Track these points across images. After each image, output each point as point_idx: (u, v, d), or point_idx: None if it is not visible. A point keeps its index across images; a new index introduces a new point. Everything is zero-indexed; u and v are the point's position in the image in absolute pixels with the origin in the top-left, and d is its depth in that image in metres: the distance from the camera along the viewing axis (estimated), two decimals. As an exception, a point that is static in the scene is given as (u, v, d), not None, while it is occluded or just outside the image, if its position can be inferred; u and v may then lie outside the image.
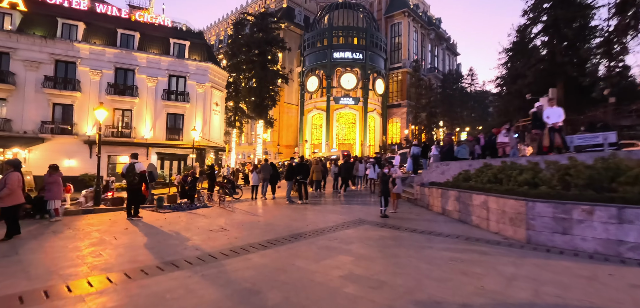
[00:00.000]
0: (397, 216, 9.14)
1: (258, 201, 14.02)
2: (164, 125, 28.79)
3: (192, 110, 29.61)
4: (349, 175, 14.37)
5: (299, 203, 11.91)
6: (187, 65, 29.46)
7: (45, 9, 26.45)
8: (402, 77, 57.93)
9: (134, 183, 8.65)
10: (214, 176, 13.79)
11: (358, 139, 51.69)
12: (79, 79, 26.30)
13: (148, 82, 28.20)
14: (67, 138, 25.80)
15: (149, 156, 28.05)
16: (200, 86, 29.94)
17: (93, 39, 27.20)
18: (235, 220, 8.70)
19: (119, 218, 8.87)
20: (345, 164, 14.27)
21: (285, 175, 12.50)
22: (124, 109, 27.76)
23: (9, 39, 24.69)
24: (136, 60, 27.88)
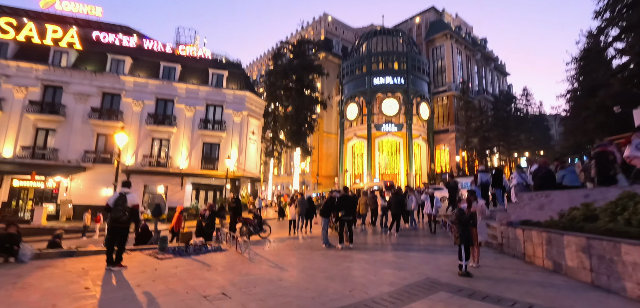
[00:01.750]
0: (484, 274, 6.28)
1: (296, 238, 11.71)
2: (199, 154, 28.15)
3: (228, 139, 28.78)
4: (401, 210, 11.58)
5: (339, 248, 9.37)
6: (224, 94, 29.01)
7: (98, 47, 27.71)
8: (448, 101, 54.05)
9: (121, 220, 6.81)
10: (238, 209, 11.80)
11: (402, 168, 48.12)
12: (123, 110, 26.72)
13: (186, 112, 27.99)
14: (107, 167, 25.90)
15: (184, 186, 27.34)
16: (236, 115, 29.20)
17: (138, 72, 27.83)
18: (248, 276, 6.41)
19: (101, 265, 6.99)
20: (395, 197, 11.54)
21: (322, 209, 10.08)
22: (162, 138, 27.61)
23: (64, 74, 25.90)
24: (176, 91, 27.95)
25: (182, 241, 11.05)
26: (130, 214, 6.94)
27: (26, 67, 25.11)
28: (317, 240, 11.24)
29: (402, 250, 9.17)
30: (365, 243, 10.53)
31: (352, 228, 9.89)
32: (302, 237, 13.15)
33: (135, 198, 7.11)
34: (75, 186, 25.41)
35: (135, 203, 7.05)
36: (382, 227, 12.98)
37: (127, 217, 6.88)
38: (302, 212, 13.56)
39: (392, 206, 11.30)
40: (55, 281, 5.76)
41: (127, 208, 6.88)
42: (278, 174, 57.05)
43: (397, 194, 11.65)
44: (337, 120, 56.86)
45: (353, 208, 10.00)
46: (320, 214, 10.08)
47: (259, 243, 10.94)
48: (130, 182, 7.47)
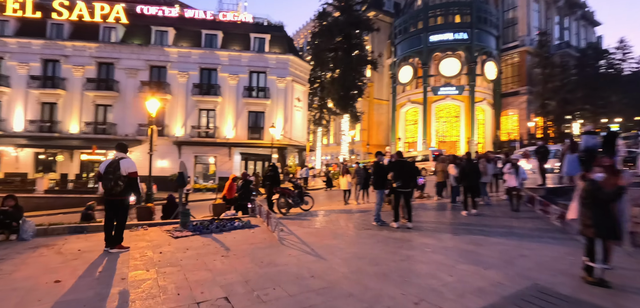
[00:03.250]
0: (628, 283, 3.85)
1: (346, 211, 9.93)
2: (245, 123, 27.45)
3: (272, 107, 27.58)
4: (476, 182, 8.99)
5: (395, 227, 7.33)
6: (267, 59, 27.59)
7: (142, 20, 27.77)
8: (520, 59, 46.83)
9: (113, 192, 5.50)
10: (275, 179, 10.24)
11: (463, 135, 43.38)
12: (169, 82, 26.78)
13: (229, 80, 27.23)
14: (160, 139, 26.26)
15: (232, 156, 27.04)
16: (280, 81, 27.72)
17: (181, 43, 27.53)
18: (270, 267, 4.70)
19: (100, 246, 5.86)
20: (468, 163, 8.95)
21: (374, 180, 8.05)
22: (208, 108, 27.33)
23: (114, 49, 26.48)
24: (218, 59, 27.20)
25: (214, 213, 9.88)
26: (126, 184, 5.61)
27: (80, 45, 26.07)
28: (369, 216, 9.30)
29: (479, 233, 6.83)
30: (428, 221, 8.30)
31: (410, 202, 7.71)
32: (356, 208, 11.34)
33: (131, 164, 5.73)
34: (133, 158, 26.12)
35: (132, 171, 5.69)
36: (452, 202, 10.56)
37: (122, 187, 5.56)
38: (359, 182, 12.78)
39: (466, 176, 8.77)
40: (32, 268, 4.62)
41: (120, 177, 5.55)
42: (327, 144, 55.58)
43: (468, 161, 9.05)
44: (389, 85, 52.95)
45: (411, 178, 7.77)
46: (374, 186, 8.02)
47: (298, 217, 9.32)
48: (126, 144, 6.10)
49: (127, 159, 5.74)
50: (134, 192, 5.62)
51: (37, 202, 22.44)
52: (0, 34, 25.91)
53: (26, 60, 25.75)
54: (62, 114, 26.05)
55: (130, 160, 5.76)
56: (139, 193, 5.71)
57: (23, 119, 25.58)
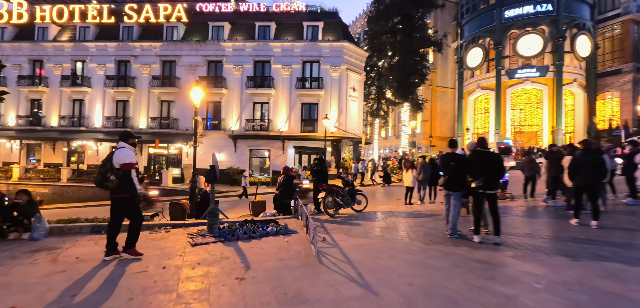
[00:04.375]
0: None
1: (410, 214, 8.15)
2: (298, 116, 26.59)
3: (326, 98, 26.26)
4: (597, 181, 6.38)
5: (476, 242, 5.38)
6: (320, 47, 26.28)
7: (201, 17, 28.47)
8: (623, 30, 38.65)
9: (105, 187, 4.51)
10: (322, 174, 8.80)
11: (546, 124, 37.39)
12: (225, 77, 27.05)
13: (282, 72, 26.56)
14: (217, 133, 26.89)
15: (285, 150, 26.42)
16: (334, 69, 26.23)
17: (236, 36, 27.62)
18: (299, 301, 3.23)
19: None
20: (586, 155, 6.37)
21: (449, 178, 5.99)
22: (262, 101, 27.04)
23: (175, 47, 27.58)
24: (271, 50, 26.68)
25: (253, 211, 8.81)
26: (120, 179, 4.60)
27: (147, 45, 27.60)
28: (437, 222, 7.37)
29: (613, 257, 4.54)
30: (521, 233, 6.08)
31: (497, 208, 5.61)
32: (420, 210, 9.42)
33: (125, 155, 4.69)
34: (194, 152, 27.20)
35: (124, 162, 4.64)
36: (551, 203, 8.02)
37: (114, 183, 4.56)
38: (426, 178, 11.12)
39: (578, 169, 6.27)
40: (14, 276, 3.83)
41: (111, 169, 4.56)
42: (385, 136, 52.84)
43: (589, 151, 6.46)
44: (454, 70, 48.18)
45: (498, 175, 5.65)
46: (446, 187, 6.02)
47: (348, 221, 7.74)
48: (128, 132, 5.05)
49: (122, 149, 4.74)
50: (128, 186, 4.62)
51: (111, 192, 24.21)
52: (83, 39, 28.65)
53: (103, 62, 28.12)
54: (133, 110, 27.97)
55: (126, 151, 4.75)
56: (134, 190, 4.62)
57: (101, 116, 28.04)
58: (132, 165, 4.70)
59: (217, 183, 24.09)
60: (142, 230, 5.52)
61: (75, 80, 28.10)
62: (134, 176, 4.70)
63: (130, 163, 4.69)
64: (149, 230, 6.03)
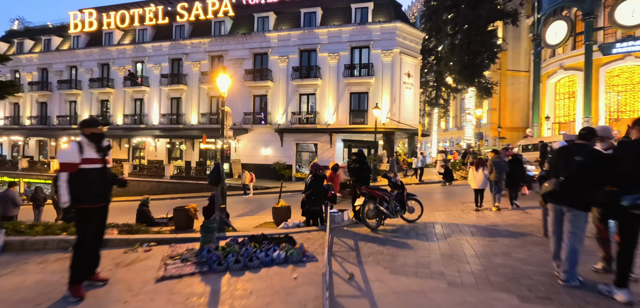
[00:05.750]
0: None
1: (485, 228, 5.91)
2: (347, 106, 24.64)
3: (377, 86, 23.88)
4: None
5: (623, 301, 3.00)
6: (370, 31, 23.91)
7: (246, 9, 27.97)
8: None
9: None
10: (362, 173, 6.84)
11: (655, 108, 30.18)
12: (271, 68, 26.17)
13: (329, 60, 24.78)
14: (263, 127, 26.22)
15: (333, 143, 24.71)
16: (386, 54, 23.68)
17: (281, 26, 26.54)
18: None
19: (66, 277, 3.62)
20: None
21: (562, 184, 3.49)
22: (308, 93, 25.62)
23: (223, 42, 27.46)
24: (317, 38, 25.04)
25: (275, 218, 7.21)
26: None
27: (197, 42, 27.91)
28: (529, 245, 5.00)
29: None
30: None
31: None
32: (496, 221, 7.00)
33: (64, 154, 3.36)
34: (242, 146, 27.01)
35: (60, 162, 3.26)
36: None
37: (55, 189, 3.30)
38: (499, 179, 8.62)
39: None
40: None
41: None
42: (445, 128, 48.20)
43: None
44: (528, 51, 41.64)
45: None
46: (557, 199, 3.61)
47: (393, 238, 5.70)
48: (86, 119, 3.64)
49: (69, 146, 3.41)
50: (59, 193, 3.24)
51: (165, 186, 24.96)
52: (141, 41, 30.06)
53: (159, 62, 29.18)
54: (185, 107, 28.60)
55: (67, 149, 3.38)
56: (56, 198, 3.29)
57: (158, 113, 29.17)
58: (67, 166, 3.31)
59: (263, 180, 23.31)
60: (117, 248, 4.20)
61: (135, 80, 29.61)
62: (62, 182, 3.29)
63: (65, 164, 3.30)
64: (126, 248, 4.73)
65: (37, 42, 34.62)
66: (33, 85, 33.23)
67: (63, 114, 32.21)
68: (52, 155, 31.49)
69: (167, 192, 23.91)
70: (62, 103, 32.40)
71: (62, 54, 32.67)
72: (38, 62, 33.62)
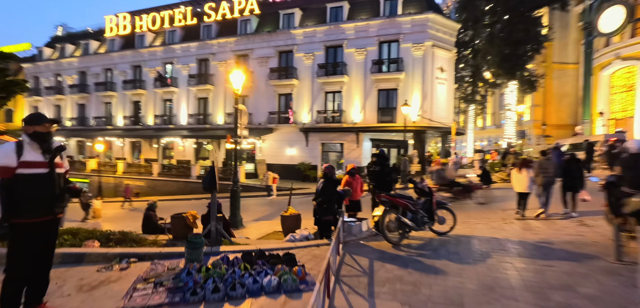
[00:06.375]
0: None
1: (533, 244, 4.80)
2: (374, 104, 23.45)
3: (407, 82, 22.47)
4: None
5: None
6: (399, 23, 22.55)
7: (272, 7, 27.60)
8: None
9: None
10: (383, 177, 5.85)
11: None
12: (296, 67, 25.57)
13: (356, 56, 23.71)
14: (288, 127, 25.70)
15: (360, 142, 23.64)
16: (417, 48, 22.21)
17: (307, 22, 25.84)
18: None
19: None
20: None
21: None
22: (334, 90, 24.71)
23: (248, 41, 27.27)
24: (344, 33, 24.06)
25: (283, 227, 6.40)
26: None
27: (223, 42, 27.94)
28: (601, 274, 3.82)
29: None
30: None
31: None
32: (547, 234, 5.74)
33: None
34: (267, 146, 26.68)
35: None
36: None
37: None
38: (548, 183, 7.30)
39: None
40: None
41: None
42: (482, 126, 45.26)
43: None
44: (578, 41, 37.85)
45: None
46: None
47: (418, 257, 4.69)
48: (29, 115, 3.00)
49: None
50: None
51: (192, 186, 25.15)
52: (171, 42, 30.67)
53: (187, 62, 29.61)
54: (212, 107, 28.77)
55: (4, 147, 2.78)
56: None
57: (186, 114, 29.60)
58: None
59: (288, 180, 22.65)
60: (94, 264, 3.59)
61: (164, 81, 30.25)
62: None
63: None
64: (103, 263, 4.13)
65: (77, 46, 36.54)
66: (73, 87, 35.09)
67: (99, 115, 33.71)
68: (90, 154, 33.02)
69: (193, 192, 24.03)
70: (99, 104, 33.93)
71: (98, 57, 34.21)
72: (77, 65, 35.45)
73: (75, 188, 3.12)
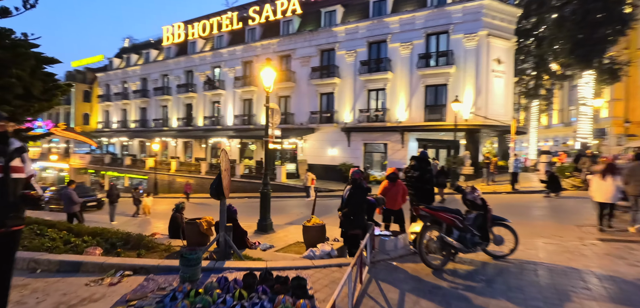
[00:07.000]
0: None
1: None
2: (421, 102, 21.86)
3: (458, 76, 20.56)
4: None
5: None
6: (449, 13, 20.71)
7: (313, 6, 27.21)
8: None
9: None
10: (423, 187, 4.86)
11: None
12: (338, 65, 24.88)
13: (401, 50, 22.30)
14: (330, 127, 25.11)
15: (405, 142, 22.22)
16: (469, 38, 20.20)
17: (349, 19, 24.98)
18: None
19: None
20: None
21: None
22: (377, 88, 23.56)
23: (290, 41, 27.19)
24: (388, 27, 22.79)
25: (305, 239, 5.70)
26: None
27: (266, 43, 28.21)
28: None
29: None
30: None
31: None
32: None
33: None
34: (308, 146, 26.36)
35: None
36: None
37: None
38: None
39: None
40: None
41: None
42: (547, 124, 40.43)
43: None
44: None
45: None
46: None
47: (468, 290, 3.68)
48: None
49: None
50: None
51: (236, 185, 25.65)
52: (219, 47, 31.81)
53: (233, 65, 30.46)
54: (256, 108, 29.20)
55: None
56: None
57: (232, 115, 30.45)
58: None
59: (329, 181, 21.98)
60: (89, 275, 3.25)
61: (213, 84, 31.45)
62: None
63: None
64: (98, 275, 3.78)
65: (140, 55, 39.72)
66: (136, 93, 38.17)
67: (157, 117, 36.19)
68: (149, 154, 35.57)
69: (237, 191, 24.51)
70: (157, 107, 36.44)
71: (157, 64, 36.77)
72: (140, 73, 38.49)
73: (32, 196, 2.72)
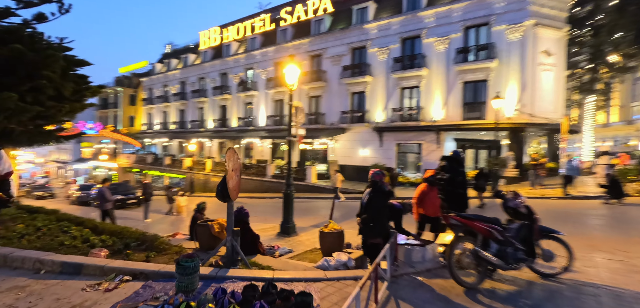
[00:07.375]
0: None
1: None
2: (459, 99, 20.56)
3: (500, 71, 19.05)
4: None
5: None
6: (490, 3, 19.25)
7: (345, 4, 26.66)
8: None
9: None
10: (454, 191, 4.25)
11: None
12: (370, 63, 24.20)
13: (436, 46, 21.14)
14: (361, 126, 24.48)
15: (441, 142, 21.07)
16: (513, 29, 18.62)
17: (381, 15, 24.19)
18: None
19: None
20: None
21: None
22: (411, 86, 22.53)
23: (322, 40, 26.92)
24: (422, 22, 21.72)
25: (322, 246, 5.25)
26: None
27: (297, 43, 28.14)
28: None
29: None
30: None
31: None
32: None
33: None
34: (339, 146, 25.91)
35: None
36: None
37: None
38: None
39: None
40: None
41: None
42: (605, 122, 36.51)
43: None
44: None
45: None
46: None
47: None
48: None
49: None
50: None
51: (267, 185, 25.88)
52: (252, 49, 32.34)
53: (265, 66, 30.80)
54: (287, 109, 29.12)
55: None
56: None
57: (264, 115, 30.79)
58: None
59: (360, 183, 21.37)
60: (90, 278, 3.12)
61: (246, 85, 32.04)
62: None
63: None
64: (99, 278, 3.64)
65: (180, 60, 41.61)
66: (175, 95, 40.01)
67: (194, 119, 37.65)
68: (187, 154, 37.08)
69: (268, 191, 24.68)
70: (194, 109, 37.91)
71: (194, 68, 38.28)
72: (179, 76, 40.31)
73: (3, 198, 2.57)
